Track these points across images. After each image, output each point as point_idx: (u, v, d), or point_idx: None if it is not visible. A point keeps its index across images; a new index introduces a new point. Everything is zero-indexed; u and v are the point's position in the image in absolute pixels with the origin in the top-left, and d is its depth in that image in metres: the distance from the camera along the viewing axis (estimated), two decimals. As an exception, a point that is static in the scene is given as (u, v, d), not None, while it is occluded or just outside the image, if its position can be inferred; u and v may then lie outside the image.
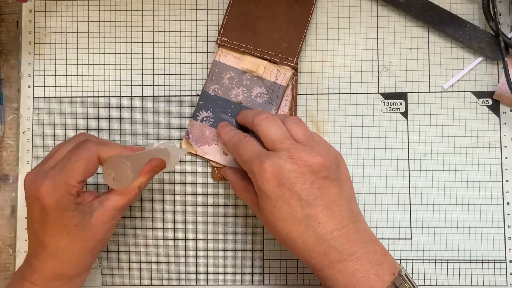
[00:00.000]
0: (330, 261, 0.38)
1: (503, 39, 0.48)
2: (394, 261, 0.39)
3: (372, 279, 0.37)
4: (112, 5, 0.52)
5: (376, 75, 0.51)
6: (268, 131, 0.41)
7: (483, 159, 0.50)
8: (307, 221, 0.38)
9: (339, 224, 0.38)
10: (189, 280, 0.50)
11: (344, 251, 0.38)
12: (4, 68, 0.52)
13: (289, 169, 0.38)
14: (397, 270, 0.38)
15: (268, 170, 0.38)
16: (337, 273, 0.37)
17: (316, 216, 0.38)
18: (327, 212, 0.38)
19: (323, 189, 0.39)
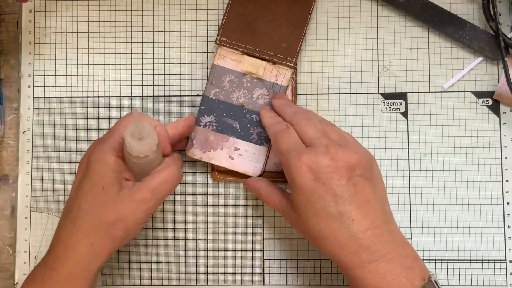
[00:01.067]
0: (361, 261, 0.37)
1: (503, 39, 0.48)
2: (424, 266, 0.39)
3: (403, 282, 0.37)
4: (112, 5, 0.52)
5: (376, 75, 0.51)
6: (306, 128, 0.42)
7: (483, 159, 0.50)
8: (341, 218, 0.38)
9: (372, 224, 0.38)
10: (189, 280, 0.50)
11: (376, 252, 0.37)
12: (4, 68, 0.52)
13: (326, 164, 0.38)
14: (427, 276, 0.38)
15: (305, 163, 0.39)
16: (367, 273, 0.37)
17: (350, 213, 0.38)
18: (361, 210, 0.38)
19: (358, 186, 0.39)
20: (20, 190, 0.51)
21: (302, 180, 0.39)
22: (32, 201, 0.51)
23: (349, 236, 0.38)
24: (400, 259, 0.38)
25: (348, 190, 0.38)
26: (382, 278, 0.37)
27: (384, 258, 0.37)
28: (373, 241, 0.38)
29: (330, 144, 0.40)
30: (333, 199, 0.38)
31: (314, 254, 0.50)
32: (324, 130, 0.42)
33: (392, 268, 0.37)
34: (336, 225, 0.38)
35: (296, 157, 0.39)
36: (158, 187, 0.40)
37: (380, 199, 0.40)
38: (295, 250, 0.50)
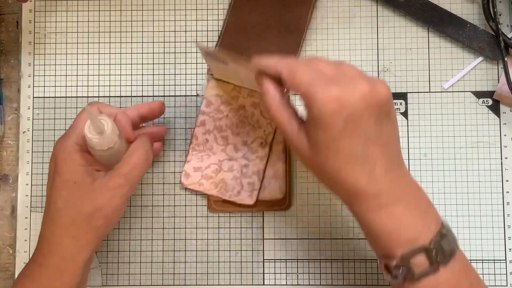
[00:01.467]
0: (379, 204, 0.36)
1: (503, 39, 0.48)
2: (437, 211, 0.38)
3: (419, 225, 0.36)
4: (112, 5, 0.52)
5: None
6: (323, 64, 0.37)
7: (483, 159, 0.50)
8: (365, 160, 0.35)
9: (392, 166, 0.36)
10: (189, 280, 0.50)
11: (394, 195, 0.36)
12: (4, 68, 0.52)
13: (357, 101, 0.34)
14: (440, 221, 0.37)
15: (335, 98, 0.34)
16: (384, 216, 0.36)
17: (373, 154, 0.35)
18: (383, 152, 0.36)
19: (383, 126, 0.36)
20: (20, 190, 0.51)
21: (330, 116, 0.34)
22: (32, 201, 0.51)
23: (369, 179, 0.35)
24: (416, 203, 0.37)
25: (375, 130, 0.35)
26: (399, 222, 0.35)
27: (401, 201, 0.36)
28: (391, 184, 0.36)
29: (358, 77, 0.35)
30: (359, 138, 0.35)
31: (314, 254, 0.50)
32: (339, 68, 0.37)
33: (409, 212, 0.36)
34: (358, 167, 0.35)
35: (324, 89, 0.34)
36: (130, 171, 0.40)
37: (397, 140, 0.38)
38: (295, 250, 0.50)
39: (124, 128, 0.42)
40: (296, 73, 0.36)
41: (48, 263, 0.40)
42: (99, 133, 0.39)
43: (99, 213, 0.40)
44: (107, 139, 0.39)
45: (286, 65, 0.37)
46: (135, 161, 0.41)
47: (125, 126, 0.42)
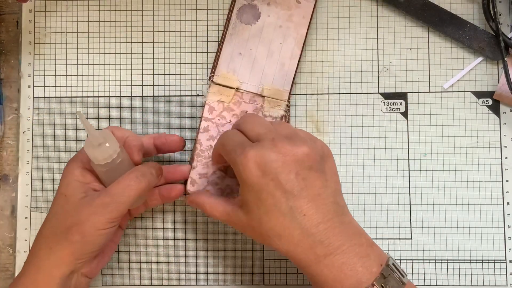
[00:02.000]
0: (317, 256, 0.37)
1: (503, 39, 0.48)
2: (381, 251, 0.39)
3: (360, 271, 0.36)
4: (112, 5, 0.52)
5: (376, 75, 0.51)
6: (253, 124, 0.41)
7: (483, 159, 0.50)
8: (292, 214, 0.37)
9: (324, 217, 0.37)
10: (189, 280, 0.50)
11: (330, 245, 0.37)
12: (4, 68, 0.52)
13: (273, 158, 0.37)
14: (384, 260, 0.38)
15: (251, 160, 0.37)
16: (324, 268, 0.37)
17: (301, 208, 0.37)
18: (312, 205, 0.37)
19: (308, 180, 0.38)
20: (20, 190, 0.51)
21: (250, 177, 0.37)
22: (32, 201, 0.51)
23: (302, 231, 0.37)
24: (355, 249, 0.37)
25: (298, 185, 0.37)
26: (339, 271, 0.36)
27: (339, 250, 0.37)
28: (326, 234, 0.37)
29: (277, 138, 0.38)
30: (283, 194, 0.37)
31: (314, 254, 0.50)
32: (273, 126, 0.41)
33: (347, 259, 0.37)
34: (288, 221, 0.37)
35: (242, 154, 0.38)
36: (118, 191, 0.39)
37: (332, 192, 0.39)
38: None
39: (131, 150, 0.42)
40: (223, 144, 0.41)
41: (25, 273, 0.40)
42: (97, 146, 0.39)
43: (76, 228, 0.39)
44: (105, 152, 0.39)
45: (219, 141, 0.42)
46: (127, 183, 0.40)
47: (132, 148, 0.42)
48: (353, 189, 0.50)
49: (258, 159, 0.37)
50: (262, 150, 0.37)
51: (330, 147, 0.50)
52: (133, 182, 0.40)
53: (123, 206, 0.40)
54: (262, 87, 0.49)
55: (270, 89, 0.48)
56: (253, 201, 0.38)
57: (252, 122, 0.41)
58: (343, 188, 0.50)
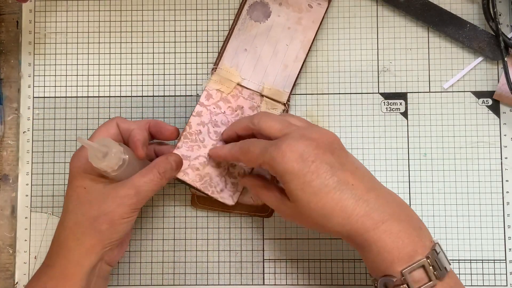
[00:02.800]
0: (374, 221, 0.37)
1: (503, 39, 0.48)
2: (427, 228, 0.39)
3: (416, 241, 0.37)
4: (112, 5, 0.52)
5: (376, 75, 0.51)
6: (272, 123, 0.42)
7: (483, 159, 0.50)
8: (341, 186, 0.38)
9: (371, 186, 0.38)
10: (189, 280, 0.50)
11: (385, 211, 0.37)
12: (4, 68, 0.52)
13: (306, 144, 0.38)
14: (432, 239, 0.38)
15: (287, 150, 0.38)
16: (382, 234, 0.37)
17: (347, 180, 0.38)
18: (356, 176, 0.38)
19: (342, 158, 0.39)
20: (20, 190, 0.51)
21: (291, 164, 0.38)
22: (32, 201, 0.51)
23: (355, 200, 0.37)
24: (408, 219, 0.38)
25: (337, 161, 0.39)
26: (397, 238, 0.36)
27: (395, 217, 0.37)
28: (379, 201, 0.38)
29: (301, 128, 0.40)
30: (326, 172, 0.38)
31: (314, 254, 0.50)
32: (287, 120, 0.42)
33: (404, 227, 0.37)
34: (338, 194, 0.37)
35: (275, 150, 0.39)
36: (141, 185, 0.41)
37: (364, 168, 0.40)
38: (295, 250, 0.50)
39: (135, 145, 0.43)
40: (248, 151, 0.41)
41: (54, 264, 0.41)
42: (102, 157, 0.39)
43: (104, 217, 0.40)
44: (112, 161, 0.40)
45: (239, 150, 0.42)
46: (150, 177, 0.41)
47: (136, 143, 0.43)
48: (353, 189, 0.50)
49: (294, 148, 0.38)
50: (293, 140, 0.39)
51: (330, 147, 0.50)
52: (156, 178, 0.42)
53: (146, 198, 0.42)
54: (262, 86, 0.49)
55: (271, 89, 0.48)
56: (298, 188, 0.38)
57: (269, 121, 0.42)
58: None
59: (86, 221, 0.40)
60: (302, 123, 0.42)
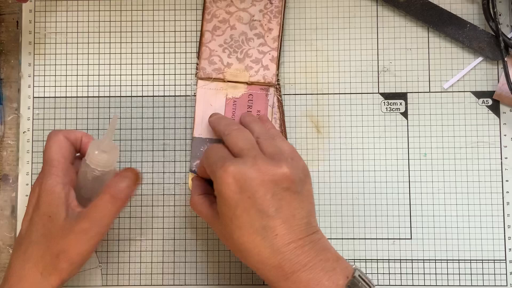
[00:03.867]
0: (285, 273, 0.37)
1: (503, 39, 0.48)
2: (347, 264, 0.39)
3: (326, 285, 0.37)
4: (112, 5, 0.52)
5: (376, 75, 0.51)
6: (237, 139, 0.41)
7: (483, 159, 0.50)
8: (265, 233, 0.38)
9: (296, 237, 0.38)
10: (189, 280, 0.50)
11: (298, 263, 0.37)
12: (4, 68, 0.52)
13: (252, 176, 0.38)
14: (351, 272, 0.38)
15: (230, 175, 0.38)
16: (291, 284, 0.37)
17: (274, 228, 0.38)
18: (285, 225, 0.38)
19: (284, 201, 0.38)
20: (20, 190, 0.51)
21: (227, 191, 0.38)
22: (32, 201, 0.51)
23: (272, 250, 0.37)
24: (321, 264, 0.38)
25: (273, 205, 0.38)
26: (306, 286, 0.37)
27: (306, 267, 0.37)
28: (295, 252, 0.38)
29: (259, 156, 0.39)
30: (257, 213, 0.38)
31: (314, 254, 0.50)
32: (260, 144, 0.41)
33: (314, 275, 0.37)
34: (259, 239, 0.38)
35: (221, 168, 0.38)
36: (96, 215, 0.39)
37: (306, 213, 0.39)
38: (295, 250, 0.50)
39: None
40: (206, 155, 0.42)
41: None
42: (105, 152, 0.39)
43: (63, 256, 0.39)
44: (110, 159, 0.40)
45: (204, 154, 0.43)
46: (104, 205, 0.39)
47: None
48: (353, 189, 0.50)
49: (237, 175, 0.38)
50: (242, 166, 0.38)
51: (330, 147, 0.50)
52: (110, 205, 0.39)
53: (104, 229, 0.40)
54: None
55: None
56: (227, 215, 0.39)
57: (236, 136, 0.41)
58: (343, 188, 0.50)
59: (48, 257, 0.39)
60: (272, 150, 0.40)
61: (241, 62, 0.49)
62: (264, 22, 0.49)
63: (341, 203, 0.50)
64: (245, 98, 0.49)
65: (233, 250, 0.40)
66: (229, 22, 0.50)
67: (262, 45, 0.49)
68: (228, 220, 0.39)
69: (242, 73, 0.49)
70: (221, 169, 0.38)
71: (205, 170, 0.43)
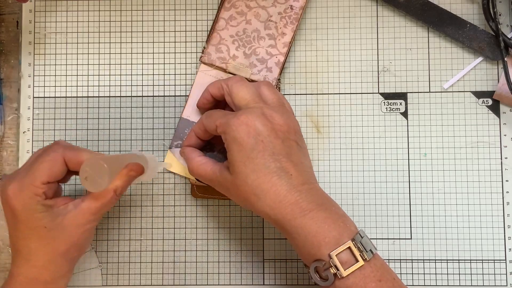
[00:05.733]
0: (302, 210, 0.39)
1: (503, 39, 0.48)
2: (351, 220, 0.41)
3: (341, 226, 0.39)
4: (112, 5, 0.52)
5: (376, 75, 0.51)
6: (242, 91, 0.43)
7: (483, 159, 0.50)
8: (280, 172, 0.39)
9: (308, 180, 0.40)
10: (189, 280, 0.50)
11: (314, 201, 0.39)
12: (4, 68, 0.52)
13: (263, 123, 0.40)
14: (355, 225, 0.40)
15: (243, 122, 0.40)
16: (308, 220, 0.39)
17: (288, 169, 0.40)
18: (297, 168, 0.40)
19: (292, 149, 0.41)
20: (20, 190, 0.51)
21: (242, 136, 0.40)
22: (32, 201, 0.51)
23: (289, 188, 0.39)
24: (334, 209, 0.40)
25: (284, 150, 0.40)
26: (323, 223, 0.39)
27: (322, 207, 0.39)
28: (310, 192, 0.40)
29: (265, 107, 0.41)
30: (271, 156, 0.40)
31: (314, 254, 0.50)
32: (261, 93, 0.43)
33: (330, 214, 0.39)
34: (276, 178, 0.39)
35: (234, 117, 0.40)
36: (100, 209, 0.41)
37: (309, 166, 0.42)
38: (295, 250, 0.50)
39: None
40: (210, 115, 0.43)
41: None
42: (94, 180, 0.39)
43: (74, 248, 0.41)
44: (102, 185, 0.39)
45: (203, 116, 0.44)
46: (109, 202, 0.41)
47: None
48: (353, 189, 0.50)
49: (250, 122, 0.40)
50: (252, 115, 0.40)
51: (330, 147, 0.50)
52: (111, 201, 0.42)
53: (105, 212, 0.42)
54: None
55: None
56: (241, 160, 0.40)
57: (240, 89, 0.43)
58: (343, 188, 0.50)
59: (58, 257, 0.41)
60: (273, 100, 0.43)
61: (247, 57, 0.49)
62: (279, 25, 0.49)
63: (341, 203, 0.50)
64: None
65: (244, 198, 0.41)
66: (246, 16, 0.49)
67: (271, 46, 0.49)
68: (242, 165, 0.40)
69: (244, 69, 0.49)
70: (233, 119, 0.40)
71: (204, 130, 0.44)
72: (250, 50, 0.49)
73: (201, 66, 0.50)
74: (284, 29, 0.49)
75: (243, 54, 0.49)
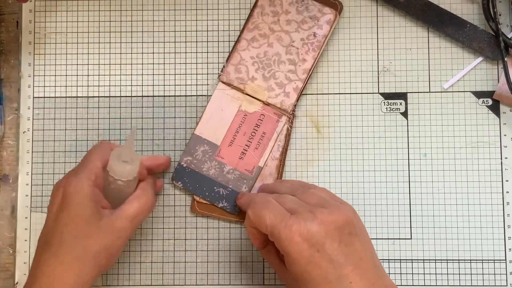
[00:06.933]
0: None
1: (503, 39, 0.48)
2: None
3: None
4: (112, 5, 0.52)
5: (376, 75, 0.51)
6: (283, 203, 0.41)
7: (483, 159, 0.50)
8: (339, 283, 0.38)
9: (369, 282, 0.38)
10: (189, 280, 0.50)
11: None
12: (4, 68, 0.52)
13: (316, 229, 0.38)
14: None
15: (296, 233, 0.38)
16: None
17: (347, 276, 0.38)
18: (357, 271, 0.38)
19: (350, 246, 0.39)
20: (20, 190, 0.51)
21: (296, 251, 0.38)
22: (32, 201, 0.51)
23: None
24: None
25: (342, 253, 0.38)
26: None
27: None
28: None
29: (314, 208, 0.39)
30: (329, 265, 0.38)
31: (314, 254, 0.50)
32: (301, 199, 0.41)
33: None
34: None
35: (286, 228, 0.38)
36: (136, 215, 0.42)
37: (371, 254, 0.40)
38: None
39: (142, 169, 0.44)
40: (260, 217, 0.40)
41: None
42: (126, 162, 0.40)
43: (104, 253, 0.41)
44: (133, 169, 0.41)
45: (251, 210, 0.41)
46: (142, 205, 0.42)
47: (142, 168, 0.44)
48: (353, 189, 0.50)
49: (303, 232, 0.38)
50: (305, 223, 0.38)
51: (330, 147, 0.50)
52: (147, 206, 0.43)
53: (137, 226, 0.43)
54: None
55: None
56: (298, 272, 0.38)
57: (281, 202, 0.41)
58: (343, 188, 0.50)
59: (87, 257, 0.40)
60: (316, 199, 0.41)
61: (266, 80, 0.49)
62: (301, 51, 0.49)
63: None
64: (256, 116, 0.49)
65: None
66: (268, 39, 0.49)
67: (291, 72, 0.49)
68: (299, 276, 0.38)
69: (262, 91, 0.49)
70: (285, 230, 0.38)
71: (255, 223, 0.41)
72: (270, 73, 0.49)
73: (219, 85, 0.50)
74: (306, 55, 0.49)
75: (262, 77, 0.49)
